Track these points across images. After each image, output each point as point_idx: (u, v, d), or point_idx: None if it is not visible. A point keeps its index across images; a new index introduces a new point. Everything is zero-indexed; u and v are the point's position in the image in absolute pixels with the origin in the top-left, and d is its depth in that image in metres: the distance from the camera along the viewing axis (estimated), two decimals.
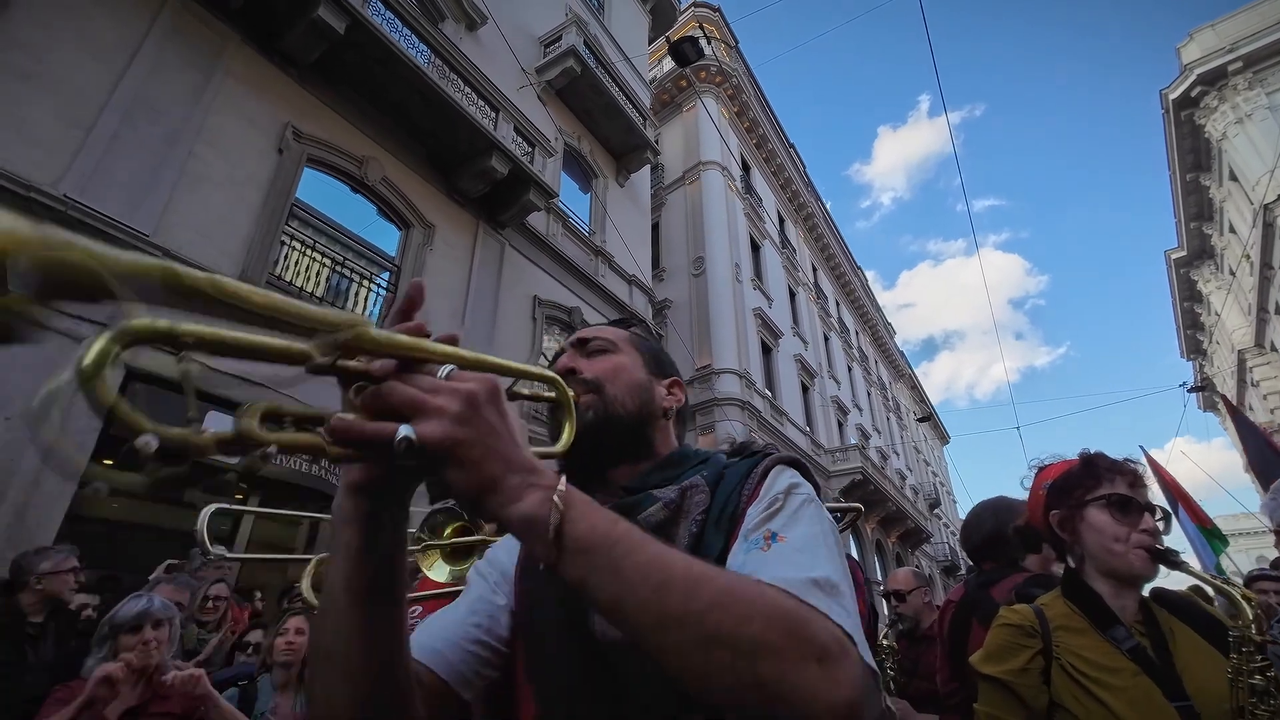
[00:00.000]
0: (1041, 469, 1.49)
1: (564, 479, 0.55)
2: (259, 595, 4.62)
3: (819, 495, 0.74)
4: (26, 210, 3.86)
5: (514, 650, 0.79)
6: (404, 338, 0.53)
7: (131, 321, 0.38)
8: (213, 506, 2.00)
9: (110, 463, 5.20)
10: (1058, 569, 1.59)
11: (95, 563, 4.73)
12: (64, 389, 0.37)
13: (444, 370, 0.53)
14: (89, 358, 0.37)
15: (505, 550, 0.89)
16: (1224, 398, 4.50)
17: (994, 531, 2.07)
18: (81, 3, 5.42)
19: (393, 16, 7.53)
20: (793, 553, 0.62)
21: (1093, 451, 1.38)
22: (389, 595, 0.59)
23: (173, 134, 5.70)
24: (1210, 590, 1.27)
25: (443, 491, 0.52)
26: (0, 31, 4.88)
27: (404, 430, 0.47)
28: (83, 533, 4.87)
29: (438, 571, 1.92)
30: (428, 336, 0.55)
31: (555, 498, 0.52)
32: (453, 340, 0.56)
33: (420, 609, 1.98)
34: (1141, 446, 5.07)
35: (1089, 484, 1.32)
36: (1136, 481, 1.30)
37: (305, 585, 1.42)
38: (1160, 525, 1.27)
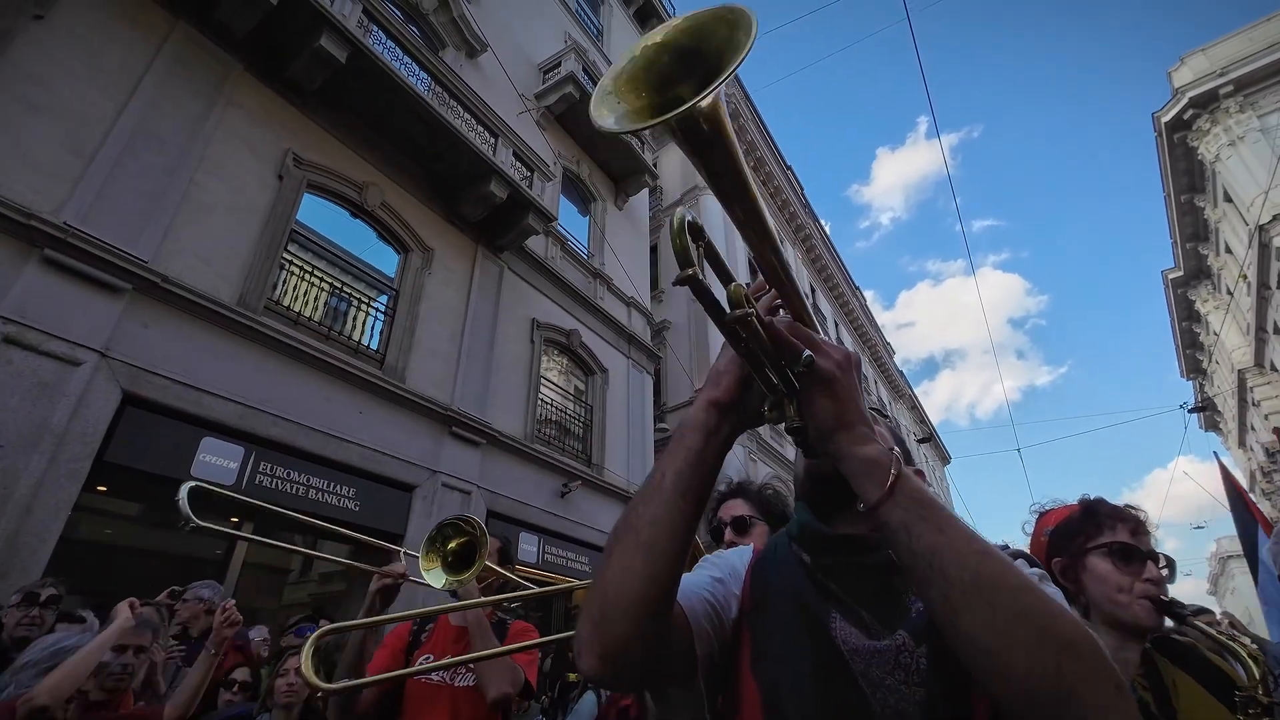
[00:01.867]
0: (1042, 514, 1.46)
1: (897, 449, 0.68)
2: (264, 637, 4.49)
3: None
4: (26, 239, 3.90)
5: (738, 640, 0.83)
6: (809, 306, 0.72)
7: (693, 214, 0.58)
8: (191, 484, 2.11)
9: (105, 489, 5.19)
10: None
11: (88, 586, 4.70)
12: None
13: (820, 336, 0.70)
14: (677, 215, 0.56)
15: (738, 555, 0.97)
16: (1223, 468, 4.41)
17: None
18: (89, 34, 5.51)
19: (394, 45, 7.66)
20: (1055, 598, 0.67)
21: (1093, 498, 1.36)
22: (701, 499, 0.69)
23: (174, 162, 5.76)
24: (1217, 646, 1.24)
25: (800, 428, 0.68)
26: (8, 63, 4.95)
27: (809, 353, 0.64)
28: (75, 558, 4.84)
29: (434, 577, 1.99)
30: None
31: (897, 454, 0.63)
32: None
33: (431, 656, 2.00)
34: (1215, 453, 4.97)
35: (1090, 531, 1.30)
36: (1138, 529, 1.28)
37: (305, 664, 1.41)
38: (1165, 574, 1.25)
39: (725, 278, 0.64)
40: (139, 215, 5.39)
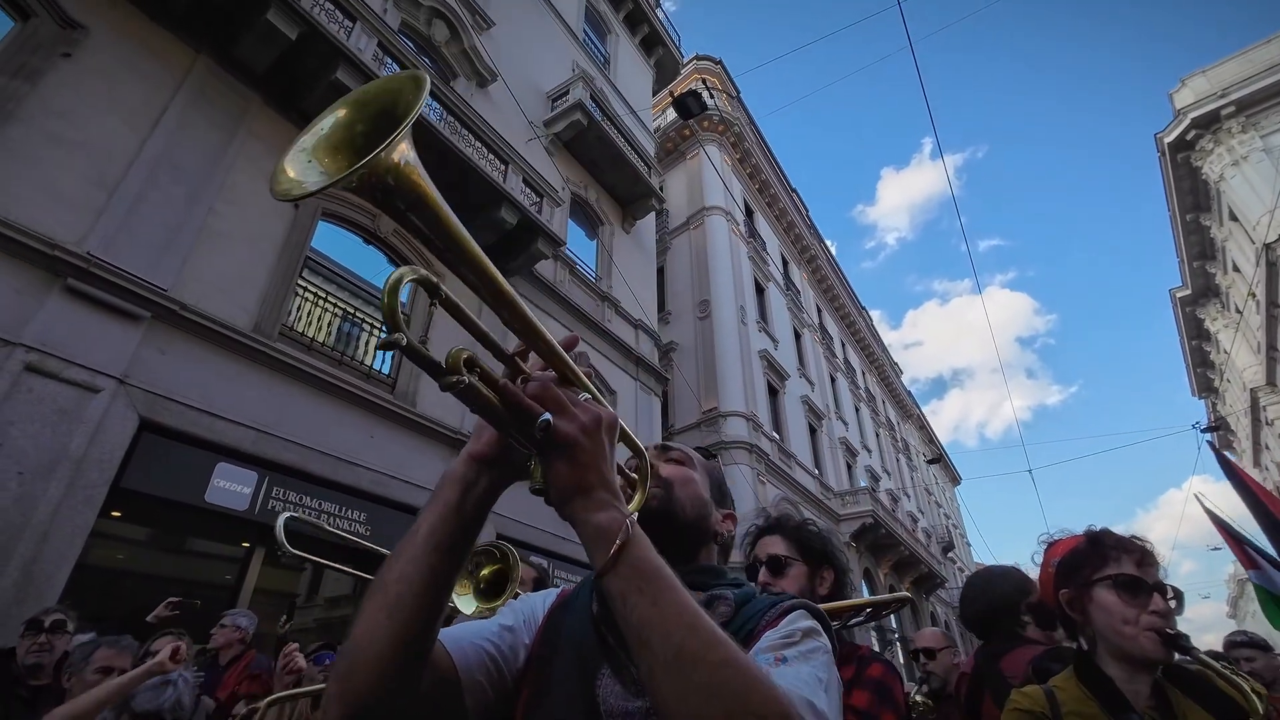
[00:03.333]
0: (1050, 545, 1.47)
1: (635, 515, 0.65)
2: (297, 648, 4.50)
3: (832, 644, 0.77)
4: (50, 269, 3.99)
5: (519, 691, 0.81)
6: (573, 364, 0.70)
7: (422, 271, 0.56)
8: (287, 514, 2.17)
9: (119, 514, 5.24)
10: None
11: (99, 612, 4.71)
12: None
13: (582, 396, 0.68)
14: (393, 275, 0.53)
15: (541, 598, 0.96)
16: (1223, 457, 4.36)
17: (987, 607, 2.05)
18: (114, 69, 5.70)
19: None
20: (798, 679, 0.64)
21: (1098, 529, 1.37)
22: (456, 556, 0.68)
23: (194, 192, 5.90)
24: (1221, 681, 1.24)
25: (542, 487, 0.66)
26: (38, 100, 5.12)
27: (547, 415, 0.62)
28: (88, 583, 4.86)
29: (465, 603, 1.97)
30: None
31: (628, 522, 0.62)
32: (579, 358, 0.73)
33: None
34: (1210, 442, 4.88)
35: (1095, 563, 1.30)
36: (1144, 560, 1.28)
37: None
38: (1173, 605, 1.25)
39: (476, 332, 0.64)
40: (159, 244, 5.51)
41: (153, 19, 6.08)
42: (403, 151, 0.51)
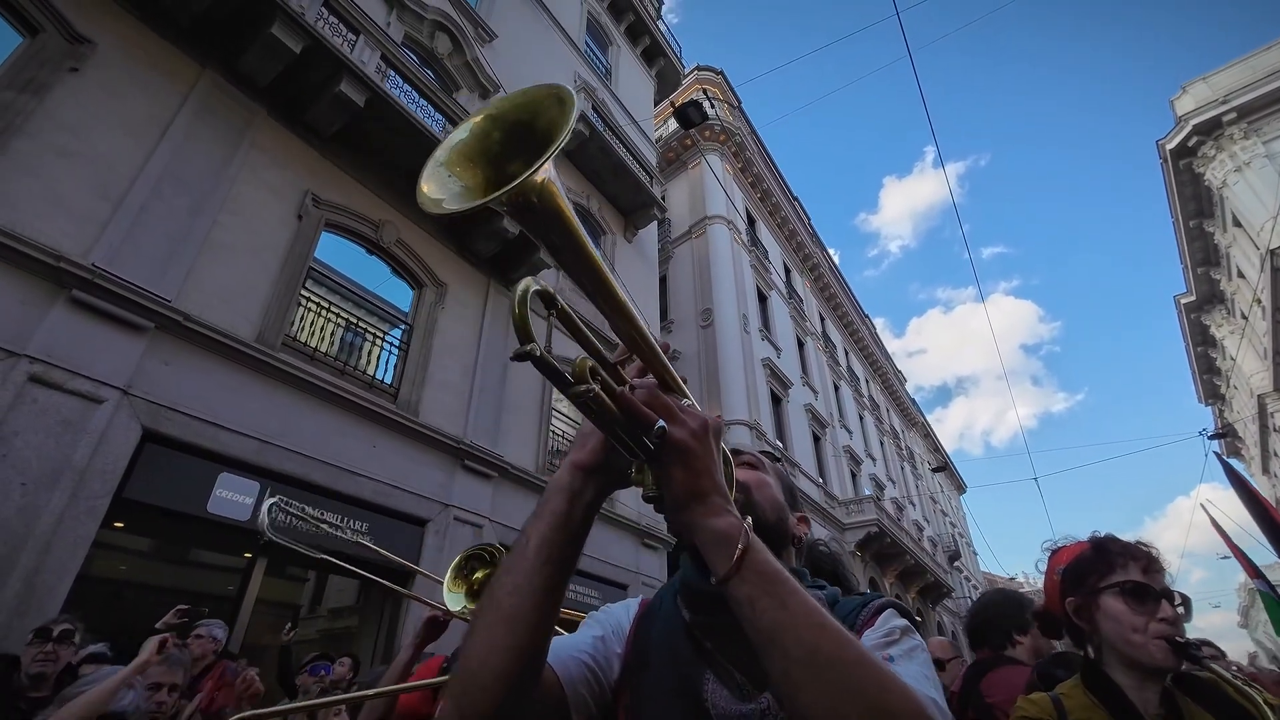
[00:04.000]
0: (1054, 552, 1.45)
1: (750, 520, 0.65)
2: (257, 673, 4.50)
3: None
4: (55, 280, 4.02)
5: (618, 700, 0.83)
6: (674, 371, 0.72)
7: (543, 284, 0.58)
8: (275, 497, 2.29)
9: (122, 525, 5.24)
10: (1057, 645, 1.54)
11: (103, 623, 4.70)
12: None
13: (684, 402, 0.69)
14: (520, 286, 0.56)
15: (623, 608, 0.97)
16: (1228, 467, 4.35)
17: (984, 620, 2.08)
18: (120, 83, 5.76)
19: (410, 89, 7.92)
20: (913, 678, 0.65)
21: (1103, 535, 1.35)
22: (567, 565, 0.69)
23: (198, 204, 5.95)
24: (1231, 689, 1.22)
25: (657, 496, 0.66)
26: (45, 113, 5.18)
27: (662, 423, 0.63)
28: (91, 594, 4.86)
29: (453, 600, 1.98)
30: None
31: (746, 527, 0.63)
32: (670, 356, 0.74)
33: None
34: (1202, 505, 4.81)
35: (1102, 570, 1.28)
36: (1150, 566, 1.26)
37: None
38: (1181, 612, 1.23)
39: (586, 342, 0.66)
40: (163, 256, 5.54)
41: (159, 34, 6.16)
42: (546, 169, 0.51)
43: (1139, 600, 1.22)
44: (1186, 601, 1.24)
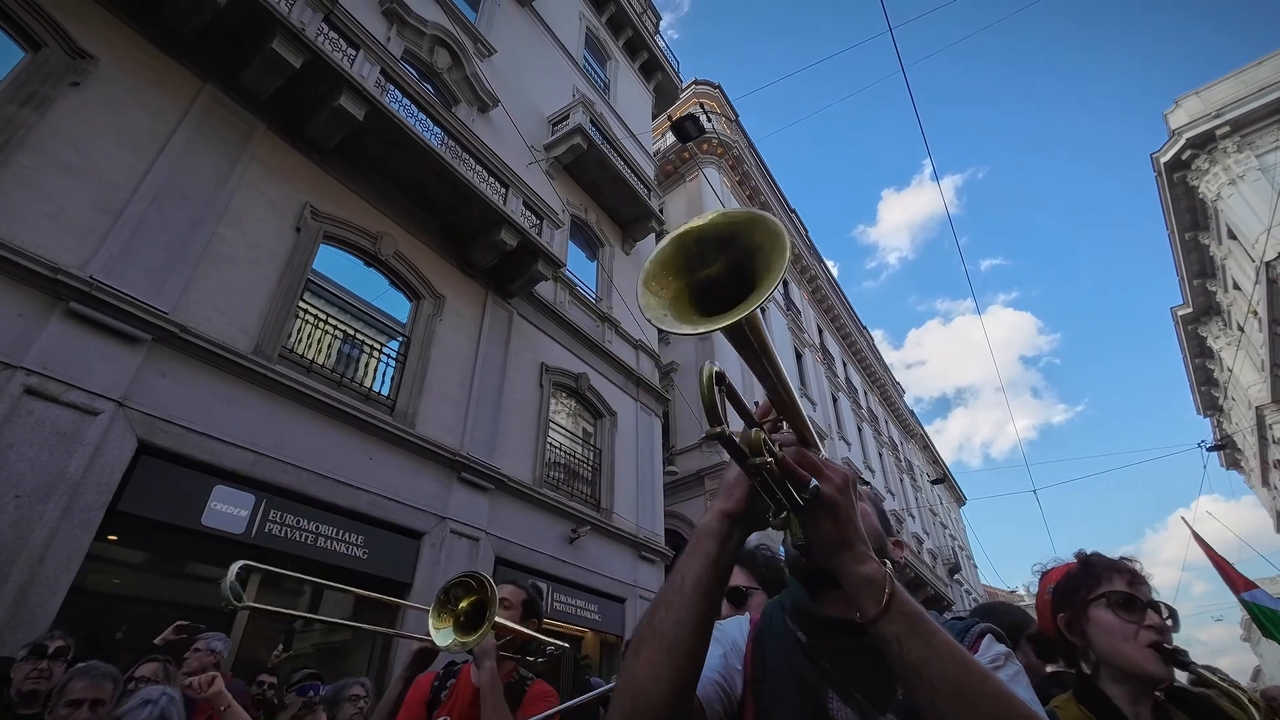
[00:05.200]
0: (1044, 574, 1.48)
1: (889, 564, 0.74)
2: (270, 681, 4.45)
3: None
4: (53, 292, 4.04)
5: (743, 715, 0.90)
6: (812, 430, 0.80)
7: (718, 367, 0.64)
8: (240, 563, 2.11)
9: (115, 538, 5.21)
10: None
11: (93, 637, 4.66)
12: None
13: (822, 455, 0.77)
14: (705, 372, 0.63)
15: (736, 626, 1.04)
16: (1196, 536, 4.47)
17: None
18: (121, 98, 5.81)
19: (409, 103, 7.99)
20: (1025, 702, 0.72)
21: (1089, 552, 1.38)
22: (717, 599, 0.76)
23: (197, 216, 5.98)
24: (1224, 700, 1.23)
25: (805, 545, 0.77)
26: (46, 127, 5.22)
27: (815, 482, 0.71)
28: (84, 607, 4.82)
29: (443, 636, 1.92)
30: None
31: (889, 572, 0.70)
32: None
33: (449, 718, 1.94)
34: (1183, 518, 4.99)
35: (1089, 583, 1.30)
36: (1135, 579, 1.28)
37: None
38: (1169, 623, 1.24)
39: (743, 412, 0.73)
40: (162, 268, 5.56)
41: (160, 49, 6.22)
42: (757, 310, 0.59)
43: (1127, 610, 1.24)
44: (1173, 613, 1.27)
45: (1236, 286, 19.76)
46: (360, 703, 3.70)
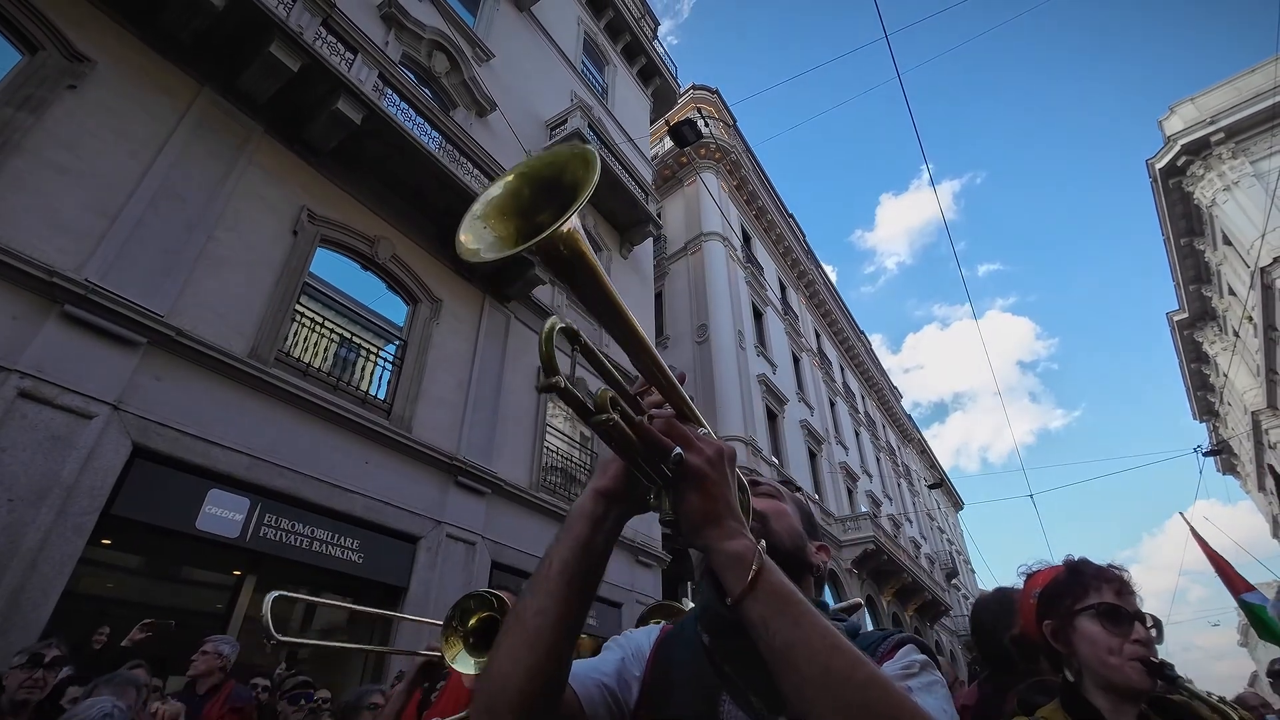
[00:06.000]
0: (1029, 576, 1.47)
1: (764, 543, 0.67)
2: (264, 684, 4.46)
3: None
4: (49, 295, 4.02)
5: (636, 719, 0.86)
6: (690, 401, 0.75)
7: (567, 321, 0.61)
8: (275, 593, 2.09)
9: (109, 542, 5.19)
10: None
11: (82, 643, 4.63)
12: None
13: (700, 430, 0.73)
14: (547, 325, 0.58)
15: (645, 634, 0.98)
16: (1195, 535, 4.45)
17: (985, 627, 2.02)
18: (118, 101, 5.81)
19: (407, 107, 8.01)
20: (930, 709, 0.67)
21: (1077, 558, 1.37)
22: (589, 589, 0.71)
23: (194, 219, 5.97)
24: (1206, 710, 1.23)
25: (673, 520, 0.70)
26: (42, 130, 5.21)
27: (679, 450, 0.66)
28: (76, 612, 4.79)
29: (462, 663, 1.90)
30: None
31: (760, 549, 0.65)
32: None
33: None
34: (1182, 515, 4.96)
35: (1077, 592, 1.29)
36: (1123, 589, 1.27)
37: None
38: (1153, 634, 1.24)
39: (607, 375, 0.68)
40: (158, 271, 5.55)
41: (158, 52, 6.22)
42: (572, 221, 0.55)
43: (1114, 622, 1.23)
44: (1158, 623, 1.26)
45: (1232, 292, 19.85)
46: (379, 711, 3.69)
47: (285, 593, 2.13)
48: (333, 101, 6.93)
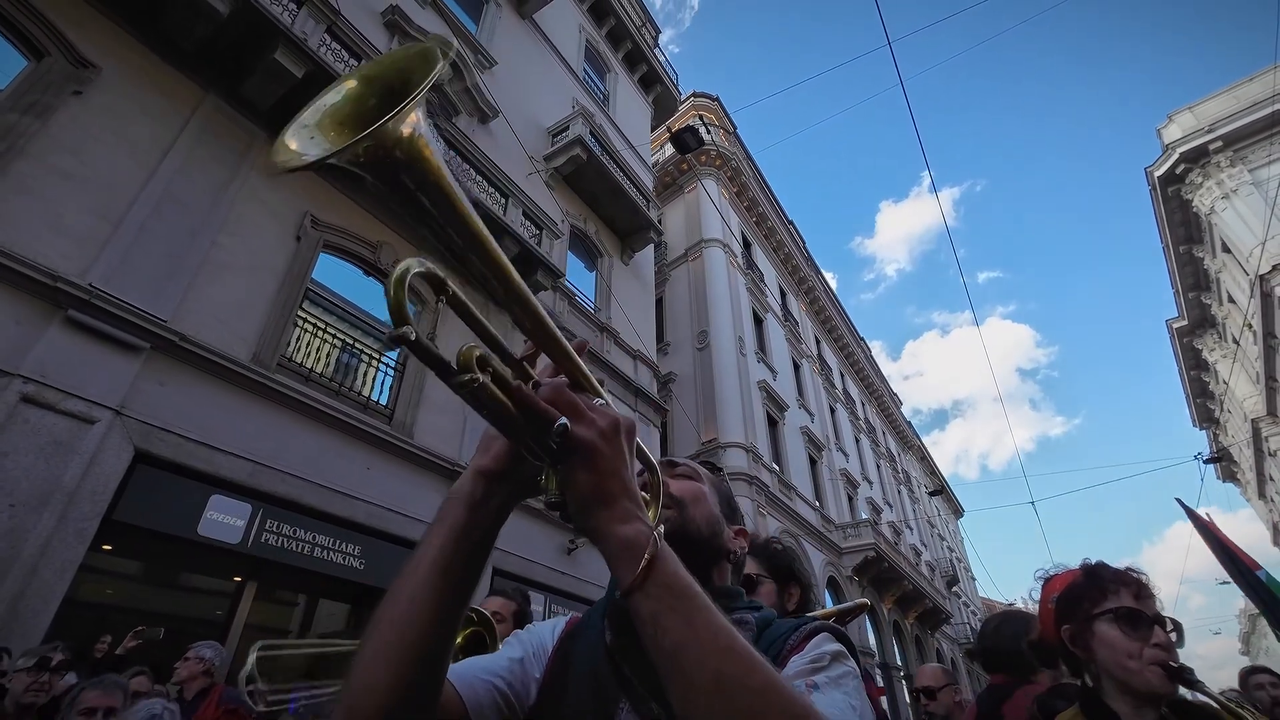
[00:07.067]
0: (1047, 580, 1.46)
1: (662, 528, 0.59)
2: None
3: (858, 666, 0.75)
4: (52, 300, 4.01)
5: None
6: (585, 368, 0.65)
7: (429, 264, 0.53)
8: (260, 643, 1.87)
9: (110, 548, 5.17)
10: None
11: (83, 649, 4.61)
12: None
13: (597, 401, 0.62)
14: (400, 266, 0.51)
15: (550, 628, 0.91)
16: (1190, 511, 4.31)
17: (1004, 643, 2.03)
18: (123, 107, 5.82)
19: None
20: (834, 707, 0.63)
21: (1094, 562, 1.36)
22: (465, 584, 0.62)
23: (197, 224, 5.98)
24: (1227, 715, 1.22)
25: (559, 503, 0.59)
26: (47, 136, 5.22)
27: (564, 420, 0.57)
28: (76, 618, 4.77)
29: None
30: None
31: (655, 535, 0.56)
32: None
33: None
34: (1179, 499, 4.76)
35: (1095, 596, 1.28)
36: (1141, 592, 1.27)
37: None
38: (1174, 638, 1.24)
39: (482, 332, 0.58)
40: (161, 276, 5.55)
41: (163, 58, 6.25)
42: (414, 122, 0.47)
43: (1133, 626, 1.22)
44: (1178, 627, 1.26)
45: (1231, 300, 19.90)
46: None
47: (270, 642, 1.90)
48: None
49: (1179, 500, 4.52)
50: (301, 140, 0.51)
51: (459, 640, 1.92)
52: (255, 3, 6.29)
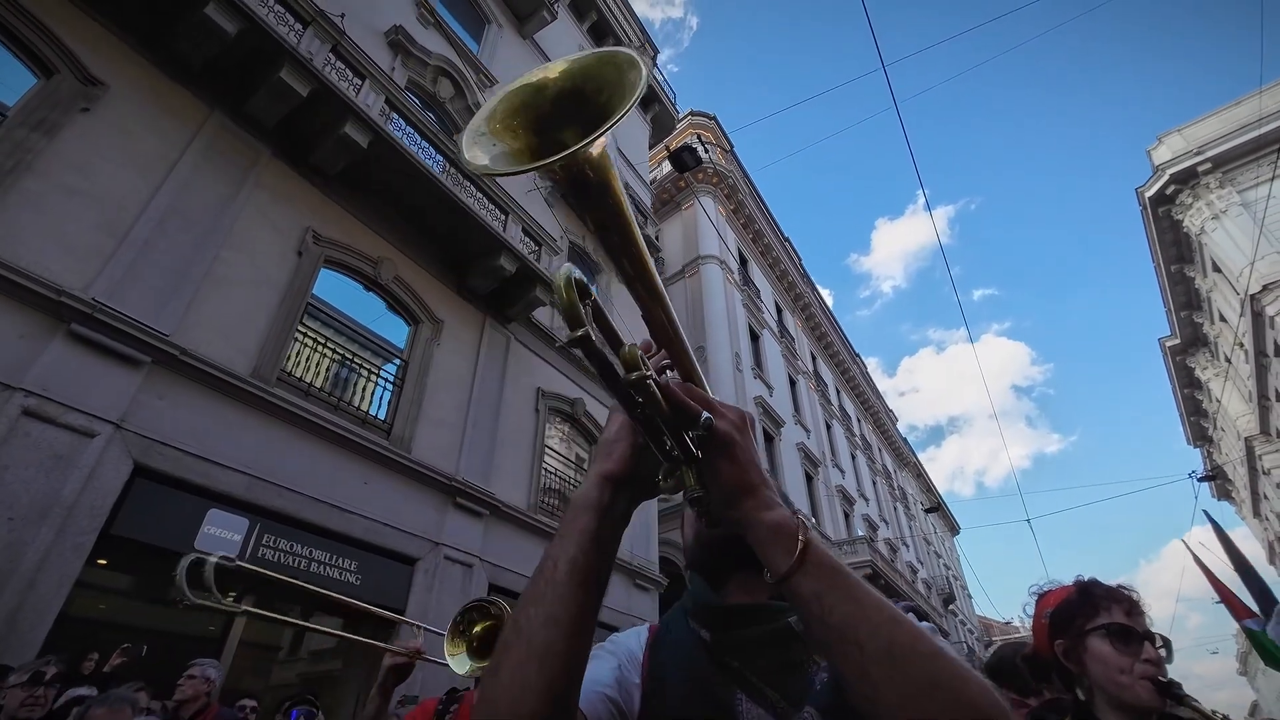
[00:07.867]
0: (1041, 596, 1.50)
1: (802, 510, 0.62)
2: (252, 705, 4.41)
3: None
4: (55, 314, 4.04)
5: None
6: (698, 366, 0.69)
7: (579, 273, 0.52)
8: (191, 556, 1.97)
9: (105, 562, 5.15)
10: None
11: (75, 664, 4.57)
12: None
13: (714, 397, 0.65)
14: (562, 272, 0.51)
15: (635, 636, 0.92)
16: (1196, 558, 4.47)
17: (1001, 661, 2.07)
18: (130, 124, 5.90)
19: (412, 131, 8.14)
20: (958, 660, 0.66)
21: (1087, 579, 1.40)
22: (600, 589, 0.64)
23: (201, 240, 6.03)
24: None
25: (700, 497, 0.63)
26: (54, 153, 5.28)
27: (707, 415, 0.60)
28: (71, 633, 4.73)
29: (459, 663, 1.92)
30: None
31: (801, 519, 0.59)
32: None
33: None
34: (1184, 541, 4.97)
35: (1087, 612, 1.32)
36: (1133, 609, 1.31)
37: None
38: (1163, 653, 1.27)
39: (614, 341, 0.58)
40: (164, 290, 5.59)
41: (170, 76, 6.34)
42: (601, 144, 0.49)
43: (1124, 642, 1.26)
44: (1167, 643, 1.30)
45: (1223, 318, 20.07)
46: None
47: (201, 554, 2.00)
48: (340, 126, 7.04)
49: (1206, 513, 4.63)
50: (482, 146, 0.53)
51: (477, 630, 1.95)
52: (262, 23, 6.41)
